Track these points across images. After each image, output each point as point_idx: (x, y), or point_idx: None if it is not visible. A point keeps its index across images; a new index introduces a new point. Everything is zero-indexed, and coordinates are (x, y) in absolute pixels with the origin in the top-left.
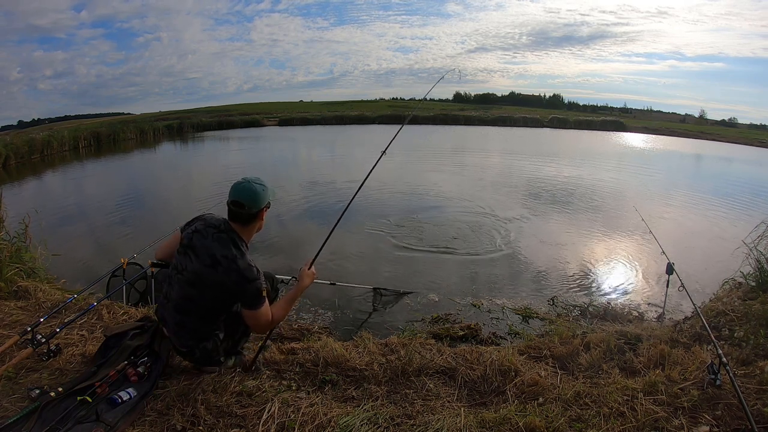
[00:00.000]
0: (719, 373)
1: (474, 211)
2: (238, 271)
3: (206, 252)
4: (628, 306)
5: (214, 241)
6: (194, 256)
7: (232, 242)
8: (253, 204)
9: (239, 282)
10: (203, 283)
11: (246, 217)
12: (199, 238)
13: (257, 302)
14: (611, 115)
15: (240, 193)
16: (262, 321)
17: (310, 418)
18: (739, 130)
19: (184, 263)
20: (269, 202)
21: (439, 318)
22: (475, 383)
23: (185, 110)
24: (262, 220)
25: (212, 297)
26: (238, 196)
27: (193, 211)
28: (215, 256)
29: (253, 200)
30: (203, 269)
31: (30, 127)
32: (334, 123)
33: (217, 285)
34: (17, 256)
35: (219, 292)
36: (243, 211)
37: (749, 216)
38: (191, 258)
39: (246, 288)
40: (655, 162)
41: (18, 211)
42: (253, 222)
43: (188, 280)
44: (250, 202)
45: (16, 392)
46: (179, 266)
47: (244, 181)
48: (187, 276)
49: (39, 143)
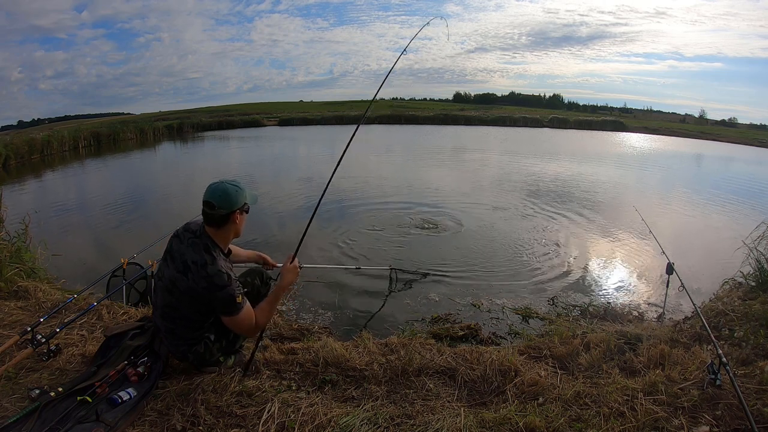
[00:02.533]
0: (719, 373)
1: (474, 211)
2: (207, 277)
3: (180, 257)
4: (628, 306)
5: (188, 247)
6: (171, 262)
7: (204, 247)
8: (224, 204)
9: (208, 288)
10: (178, 289)
11: (217, 219)
12: (177, 242)
13: (232, 309)
14: (611, 115)
15: (211, 193)
16: (244, 326)
17: (310, 418)
18: (738, 130)
19: (163, 269)
20: (246, 204)
21: (439, 318)
22: (475, 383)
23: (185, 110)
24: (236, 224)
25: (189, 304)
26: (209, 196)
27: (193, 211)
28: (186, 262)
29: (224, 200)
30: (176, 275)
31: (30, 127)
32: (334, 123)
33: (190, 292)
34: (17, 256)
35: (193, 299)
36: (214, 212)
37: (749, 216)
38: (168, 264)
39: (216, 295)
40: (655, 162)
41: (18, 211)
42: (226, 225)
43: (166, 287)
44: (220, 202)
45: (16, 392)
46: (160, 272)
47: (218, 181)
48: (165, 283)
49: (39, 143)
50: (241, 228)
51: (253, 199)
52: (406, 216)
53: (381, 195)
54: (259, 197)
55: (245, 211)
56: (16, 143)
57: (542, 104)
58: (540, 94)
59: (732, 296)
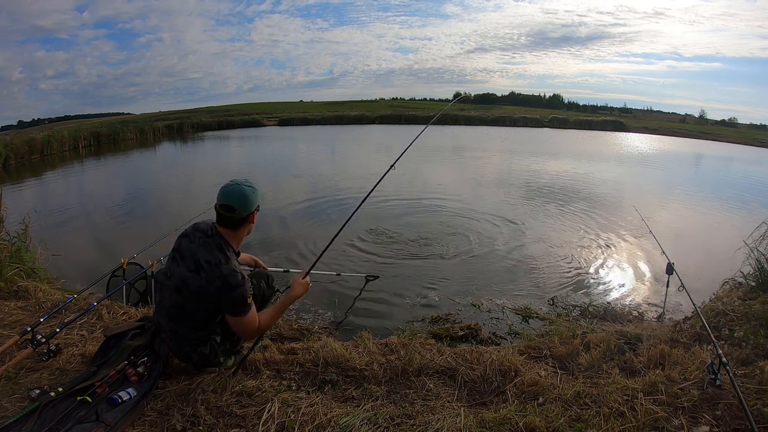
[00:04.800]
0: (719, 373)
1: (474, 211)
2: (222, 276)
3: (191, 257)
4: (628, 306)
5: (200, 246)
6: (181, 261)
7: (217, 247)
8: (244, 207)
9: (222, 288)
10: (188, 289)
11: (237, 222)
12: (186, 242)
13: (242, 309)
14: (611, 115)
15: (229, 195)
16: (248, 328)
17: (310, 418)
18: (738, 130)
19: (172, 269)
20: (259, 204)
21: (439, 318)
22: (475, 383)
23: (185, 110)
24: (252, 224)
25: (197, 304)
26: (228, 200)
27: (193, 210)
28: (199, 261)
29: (243, 203)
30: (187, 275)
31: (30, 127)
32: (334, 123)
33: (201, 291)
34: (17, 256)
35: (203, 299)
36: (233, 215)
37: (749, 216)
38: (178, 263)
39: (229, 295)
40: (655, 162)
41: (18, 211)
42: (243, 226)
43: (175, 287)
44: (240, 206)
45: (16, 392)
46: (168, 272)
47: (233, 183)
48: (174, 282)
49: (39, 143)
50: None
51: (261, 197)
52: (405, 215)
53: (379, 192)
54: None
55: (258, 210)
56: (16, 143)
57: (542, 104)
58: (540, 94)
59: (732, 296)
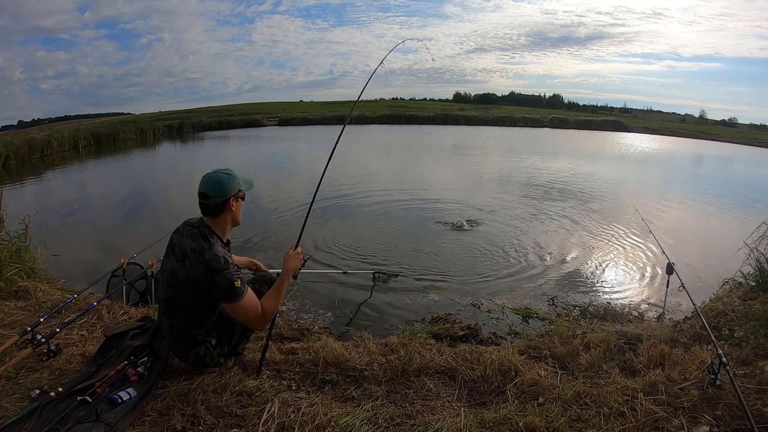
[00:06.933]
0: (719, 373)
1: (474, 211)
2: (205, 262)
3: (179, 248)
4: (628, 306)
5: (187, 237)
6: (171, 254)
7: (201, 235)
8: (218, 193)
9: (207, 274)
10: (177, 279)
11: (213, 208)
12: (177, 237)
13: (233, 294)
14: (611, 115)
15: (205, 183)
16: (250, 314)
17: (310, 418)
18: (739, 130)
19: (164, 263)
20: (241, 191)
21: (439, 318)
22: (475, 383)
23: (186, 110)
24: (233, 211)
25: (189, 295)
26: (203, 187)
27: (193, 210)
28: (185, 251)
29: (217, 189)
30: (175, 265)
31: (30, 127)
32: (334, 123)
33: (188, 280)
34: (17, 256)
35: (192, 288)
36: (209, 201)
37: (750, 216)
38: (169, 257)
39: (214, 280)
40: (655, 162)
41: (18, 211)
42: (222, 213)
43: (167, 280)
44: (214, 191)
45: (16, 392)
46: (162, 267)
47: (211, 171)
48: (166, 275)
49: (39, 143)
50: (239, 215)
51: (247, 185)
52: (402, 213)
53: (378, 191)
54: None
55: (241, 198)
56: (16, 143)
57: (542, 104)
58: (540, 94)
59: (732, 296)
